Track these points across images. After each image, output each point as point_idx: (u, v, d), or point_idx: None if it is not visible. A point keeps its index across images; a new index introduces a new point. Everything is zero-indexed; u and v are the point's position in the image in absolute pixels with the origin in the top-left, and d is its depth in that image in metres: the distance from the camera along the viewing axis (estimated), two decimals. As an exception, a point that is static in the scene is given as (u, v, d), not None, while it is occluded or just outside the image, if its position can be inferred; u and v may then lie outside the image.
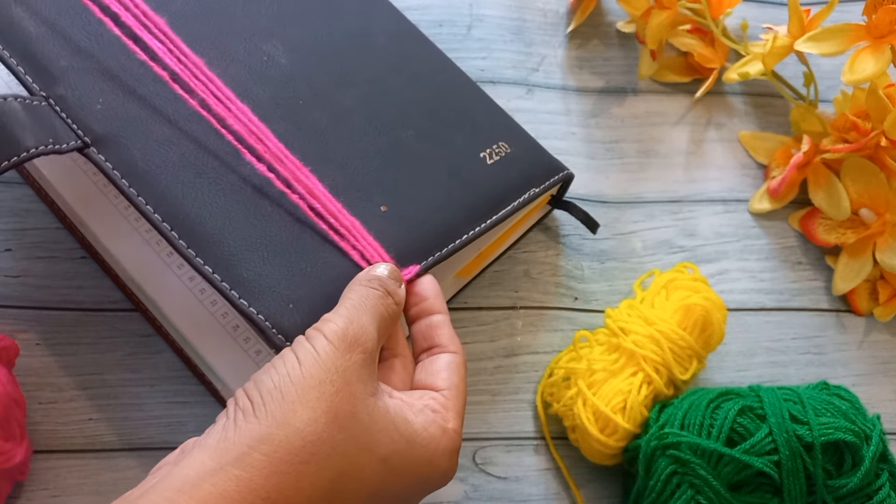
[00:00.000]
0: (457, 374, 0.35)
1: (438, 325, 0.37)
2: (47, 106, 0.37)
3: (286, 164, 0.39)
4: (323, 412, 0.29)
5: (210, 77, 0.40)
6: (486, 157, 0.45)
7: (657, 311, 0.45)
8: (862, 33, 0.50)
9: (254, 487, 0.27)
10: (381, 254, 0.38)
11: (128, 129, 0.38)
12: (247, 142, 0.38)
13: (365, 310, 0.33)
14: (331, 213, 0.38)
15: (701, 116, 0.58)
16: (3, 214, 0.46)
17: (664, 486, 0.41)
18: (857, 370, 0.51)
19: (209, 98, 0.39)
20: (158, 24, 0.40)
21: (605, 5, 0.61)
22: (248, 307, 0.35)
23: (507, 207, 0.43)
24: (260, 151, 0.38)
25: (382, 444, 0.31)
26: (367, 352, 0.32)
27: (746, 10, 0.62)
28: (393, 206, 0.40)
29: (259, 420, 0.29)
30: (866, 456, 0.40)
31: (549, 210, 0.51)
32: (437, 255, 0.40)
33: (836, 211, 0.52)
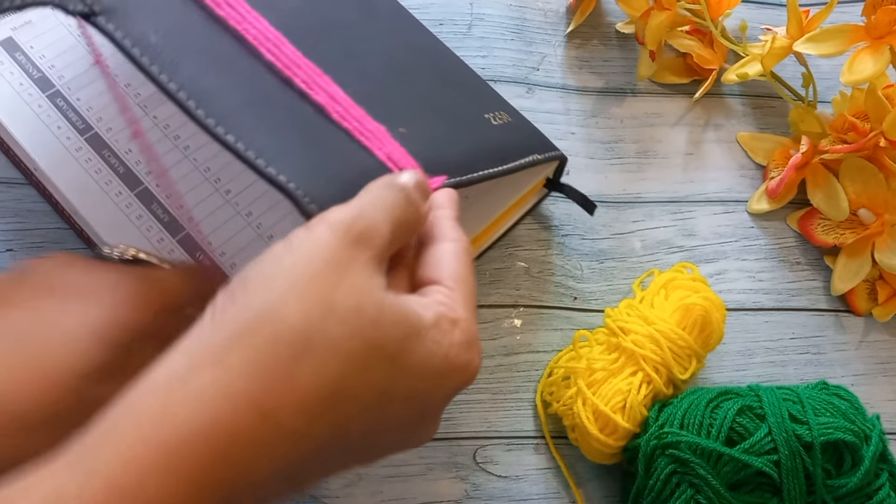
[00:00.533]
0: (459, 261, 0.31)
1: (439, 219, 0.33)
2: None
3: (304, 69, 0.35)
4: (317, 304, 0.25)
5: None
6: (490, 118, 0.44)
7: (656, 311, 0.45)
8: (861, 34, 0.50)
9: (235, 388, 0.23)
10: (408, 160, 0.35)
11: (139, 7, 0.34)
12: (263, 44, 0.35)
13: (380, 208, 0.29)
14: (356, 117, 0.35)
15: (700, 117, 0.58)
16: (4, 214, 0.46)
17: (664, 485, 0.41)
18: (856, 370, 0.51)
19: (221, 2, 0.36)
20: None
21: (604, 6, 0.61)
22: (278, 175, 0.31)
23: (515, 162, 0.42)
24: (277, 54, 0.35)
25: (392, 340, 0.26)
26: (376, 249, 0.27)
27: (745, 11, 0.62)
28: (412, 130, 0.37)
29: (239, 313, 0.25)
30: (866, 456, 0.40)
31: (545, 194, 0.52)
32: (462, 179, 0.37)
33: (835, 211, 0.52)
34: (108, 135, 0.44)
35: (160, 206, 0.43)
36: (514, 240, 0.51)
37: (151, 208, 0.43)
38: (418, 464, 0.45)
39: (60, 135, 0.44)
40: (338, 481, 0.44)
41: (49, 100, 0.44)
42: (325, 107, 0.34)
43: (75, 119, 0.44)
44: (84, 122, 0.44)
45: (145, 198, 0.43)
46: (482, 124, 0.44)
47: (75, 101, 0.45)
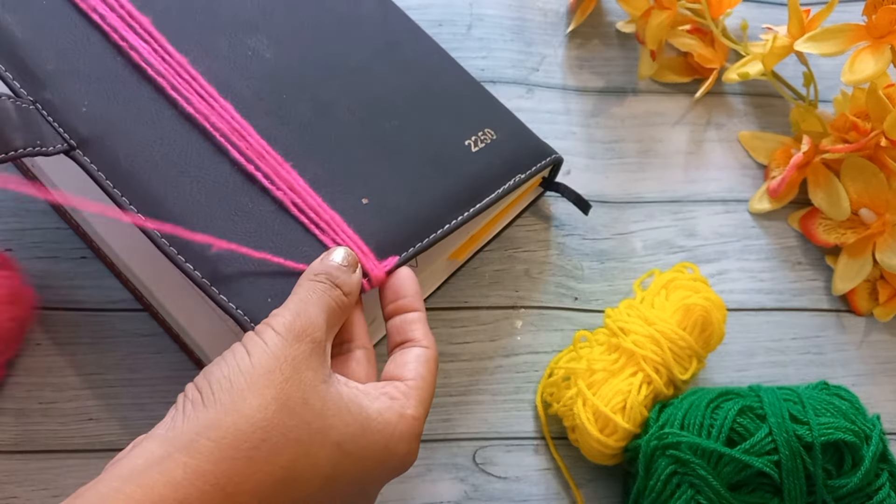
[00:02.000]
0: (425, 366, 0.35)
1: (413, 321, 0.37)
2: (34, 110, 0.38)
3: (268, 159, 0.39)
4: (272, 399, 0.29)
5: (193, 75, 0.40)
6: (470, 144, 0.45)
7: (657, 311, 0.45)
8: (862, 33, 0.50)
9: (202, 473, 0.27)
10: (361, 247, 0.38)
11: (112, 131, 0.38)
12: (230, 138, 0.39)
13: (312, 302, 0.33)
14: (311, 207, 0.39)
15: (701, 117, 0.58)
16: (3, 214, 0.46)
17: (664, 485, 0.41)
18: (856, 370, 0.51)
19: (192, 97, 0.40)
20: (143, 24, 0.41)
21: (605, 5, 0.61)
22: (228, 302, 0.36)
23: (490, 195, 0.44)
24: (242, 148, 0.39)
25: (335, 429, 0.31)
26: (316, 341, 0.32)
27: (746, 10, 0.62)
28: (374, 197, 0.40)
29: (207, 408, 0.29)
30: (866, 456, 0.40)
31: (541, 192, 0.52)
32: (419, 246, 0.40)
33: (836, 211, 0.52)
34: None
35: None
36: (514, 241, 0.51)
37: None
38: (418, 465, 0.45)
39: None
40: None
41: None
42: (283, 203, 0.38)
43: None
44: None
45: None
46: (460, 157, 0.44)
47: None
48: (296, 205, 0.39)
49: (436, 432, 0.46)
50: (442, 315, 0.49)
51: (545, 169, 0.47)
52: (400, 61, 0.46)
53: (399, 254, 0.39)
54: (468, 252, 0.49)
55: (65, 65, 0.39)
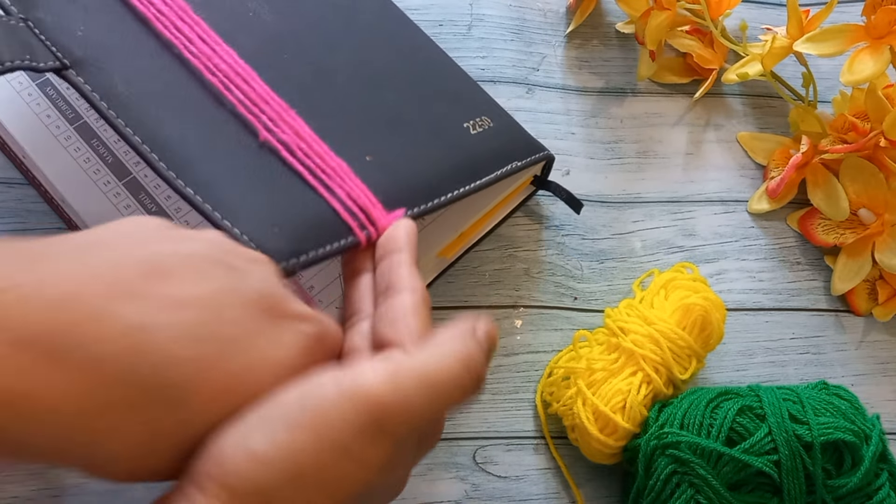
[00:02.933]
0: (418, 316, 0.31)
1: (397, 265, 0.33)
2: (25, 28, 0.36)
3: (271, 104, 0.37)
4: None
5: (195, 20, 0.38)
6: (469, 127, 0.44)
7: (656, 311, 0.45)
8: (861, 34, 0.50)
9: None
10: (369, 196, 0.36)
11: (109, 56, 0.36)
12: (233, 81, 0.37)
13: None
14: (317, 153, 0.37)
15: (700, 117, 0.58)
16: (4, 215, 0.46)
17: (664, 485, 0.41)
18: (856, 370, 0.51)
19: (194, 38, 0.38)
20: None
21: (604, 6, 0.61)
22: (232, 227, 0.33)
23: (490, 175, 0.43)
24: (246, 91, 0.37)
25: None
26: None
27: (745, 11, 0.62)
28: (378, 157, 0.39)
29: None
30: (866, 456, 0.40)
31: (533, 191, 0.52)
32: (424, 207, 0.38)
33: (835, 211, 0.52)
34: (97, 124, 0.44)
35: (148, 197, 0.43)
36: (513, 240, 0.51)
37: (139, 198, 0.43)
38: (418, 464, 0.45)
39: (50, 123, 0.44)
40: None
41: (38, 88, 0.45)
42: (288, 145, 0.36)
43: (65, 108, 0.44)
44: (73, 111, 0.44)
45: (133, 188, 0.43)
46: (459, 135, 0.44)
47: (65, 89, 0.45)
48: (301, 149, 0.36)
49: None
50: (442, 314, 0.49)
51: (539, 163, 0.47)
52: (398, 48, 0.46)
53: (407, 209, 0.37)
54: (457, 250, 0.48)
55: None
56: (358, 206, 0.36)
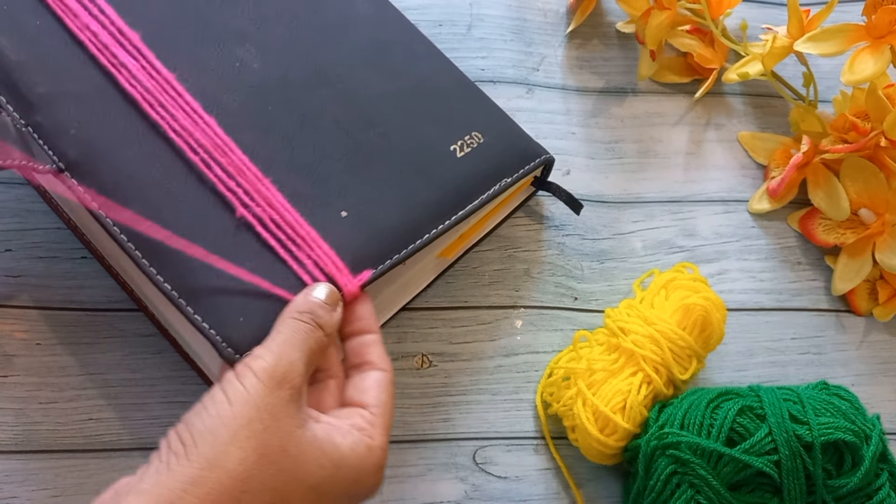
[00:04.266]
0: (385, 391, 0.36)
1: (370, 344, 0.38)
2: (28, 133, 0.39)
3: (247, 175, 0.40)
4: (252, 450, 0.30)
5: (179, 91, 0.41)
6: (456, 149, 0.45)
7: (657, 311, 0.45)
8: (861, 33, 0.50)
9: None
10: (336, 262, 0.39)
11: (98, 153, 0.39)
12: (212, 155, 0.40)
13: (294, 345, 0.34)
14: (288, 223, 0.39)
15: (700, 117, 0.58)
16: (4, 214, 0.46)
17: (664, 485, 0.41)
18: (856, 370, 0.51)
19: (178, 113, 0.40)
20: (133, 40, 0.42)
21: (604, 5, 0.61)
22: (202, 322, 0.37)
23: (473, 202, 0.44)
24: (224, 164, 0.40)
25: (311, 473, 0.32)
26: (295, 388, 0.33)
27: (746, 10, 0.62)
28: (354, 210, 0.41)
29: (191, 462, 0.30)
30: (866, 456, 0.40)
31: (533, 191, 0.52)
32: (395, 258, 0.41)
33: (836, 211, 0.52)
34: None
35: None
36: (514, 240, 0.51)
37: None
38: (418, 464, 0.45)
39: None
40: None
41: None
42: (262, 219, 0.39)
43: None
44: None
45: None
46: (444, 164, 0.44)
47: None
48: (273, 221, 0.39)
49: (436, 432, 0.46)
50: (442, 315, 0.49)
51: (534, 171, 0.47)
52: (389, 65, 0.46)
53: (374, 267, 0.40)
54: (457, 251, 0.48)
55: (55, 87, 0.40)
56: (325, 274, 0.39)
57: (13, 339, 0.44)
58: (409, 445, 0.45)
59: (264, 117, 0.42)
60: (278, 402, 0.32)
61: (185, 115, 0.40)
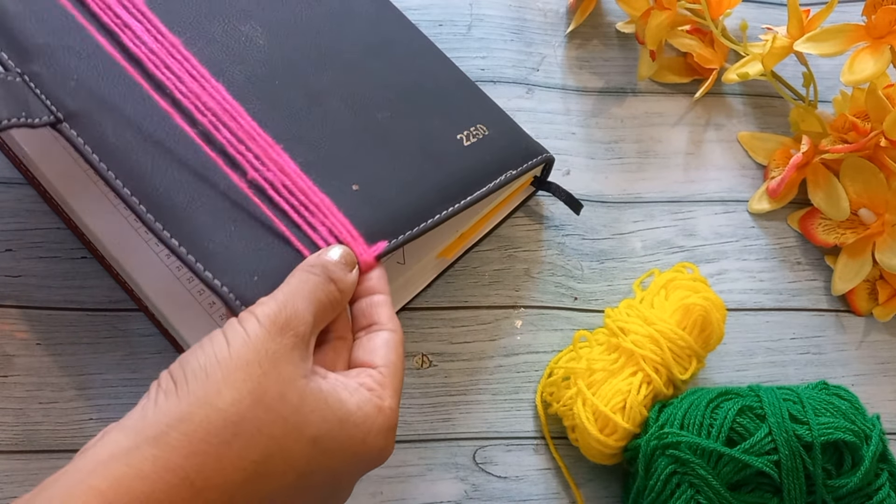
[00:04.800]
0: (394, 351, 0.34)
1: (378, 304, 0.36)
2: (21, 83, 0.37)
3: (258, 141, 0.39)
4: (248, 392, 0.29)
5: (186, 56, 0.40)
6: (462, 138, 0.45)
7: (656, 311, 0.45)
8: (861, 34, 0.50)
9: (171, 467, 0.27)
10: (350, 230, 0.38)
11: (100, 105, 0.38)
12: (221, 118, 0.39)
13: (301, 294, 0.32)
14: (300, 189, 0.38)
15: (700, 117, 0.58)
16: (4, 214, 0.46)
17: (664, 485, 0.41)
18: (856, 370, 0.51)
19: (184, 76, 0.39)
20: (136, 4, 0.40)
21: (604, 5, 0.61)
22: (213, 279, 0.35)
23: (482, 189, 0.44)
24: (233, 128, 0.38)
25: (312, 425, 0.30)
26: (300, 335, 0.31)
27: (746, 10, 0.62)
28: (365, 185, 0.40)
29: (180, 399, 0.28)
30: (866, 456, 0.40)
31: (533, 192, 0.52)
32: (408, 234, 0.40)
33: (836, 211, 0.52)
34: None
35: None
36: (514, 241, 0.51)
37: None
38: (418, 464, 0.45)
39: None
40: (338, 482, 0.44)
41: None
42: (273, 183, 0.38)
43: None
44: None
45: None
46: (452, 149, 0.44)
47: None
48: (286, 187, 0.38)
49: (436, 432, 0.46)
50: (442, 315, 0.49)
51: (537, 167, 0.47)
52: (392, 57, 0.46)
53: (389, 240, 0.39)
54: (457, 251, 0.48)
55: (55, 40, 0.38)
56: (339, 241, 0.37)
57: (13, 339, 0.44)
58: (409, 445, 0.45)
59: (272, 91, 0.41)
60: (280, 348, 0.30)
61: (192, 80, 0.39)
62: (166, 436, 0.27)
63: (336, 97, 0.42)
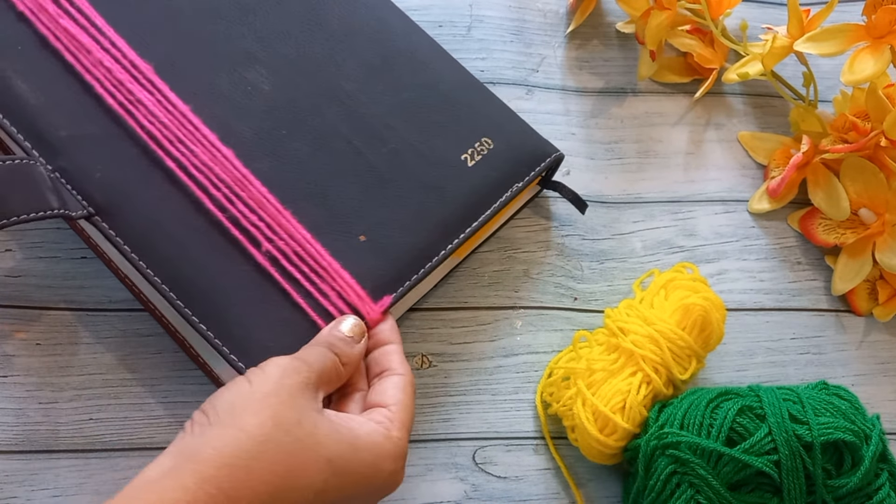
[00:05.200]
0: (403, 391, 0.39)
1: (390, 353, 0.40)
2: (55, 177, 0.40)
3: (268, 208, 0.41)
4: (269, 417, 0.33)
5: (196, 124, 0.42)
6: (467, 158, 0.45)
7: (656, 311, 0.45)
8: (861, 33, 0.50)
9: (206, 477, 0.31)
10: (358, 291, 0.41)
11: (125, 197, 0.40)
12: (233, 189, 0.41)
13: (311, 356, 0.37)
14: (311, 255, 0.41)
15: (700, 117, 0.58)
16: (3, 214, 0.46)
17: (664, 485, 0.41)
18: (856, 370, 0.51)
19: (196, 148, 0.41)
20: (146, 73, 0.42)
21: (604, 6, 0.61)
22: (238, 362, 0.39)
23: (486, 211, 0.45)
24: (245, 198, 0.41)
25: (326, 447, 0.34)
26: (310, 380, 0.36)
27: (746, 10, 0.62)
28: (371, 233, 0.42)
29: (212, 427, 0.33)
30: (866, 456, 0.40)
31: (539, 190, 0.52)
32: (414, 279, 0.43)
33: (836, 211, 0.52)
34: None
35: None
36: (514, 241, 0.51)
37: None
38: (418, 464, 0.45)
39: None
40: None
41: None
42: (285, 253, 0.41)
43: None
44: None
45: None
46: (455, 176, 0.45)
47: None
48: (297, 254, 0.41)
49: (436, 432, 0.46)
50: (442, 315, 0.49)
51: (544, 170, 0.48)
52: (394, 75, 0.46)
53: (393, 292, 0.42)
54: (467, 251, 0.49)
55: (76, 129, 0.41)
56: (347, 304, 0.41)
57: (13, 339, 0.44)
58: (410, 445, 0.45)
59: (278, 143, 0.43)
60: (294, 384, 0.35)
61: (204, 150, 0.41)
62: (202, 453, 0.31)
63: (340, 138, 0.44)
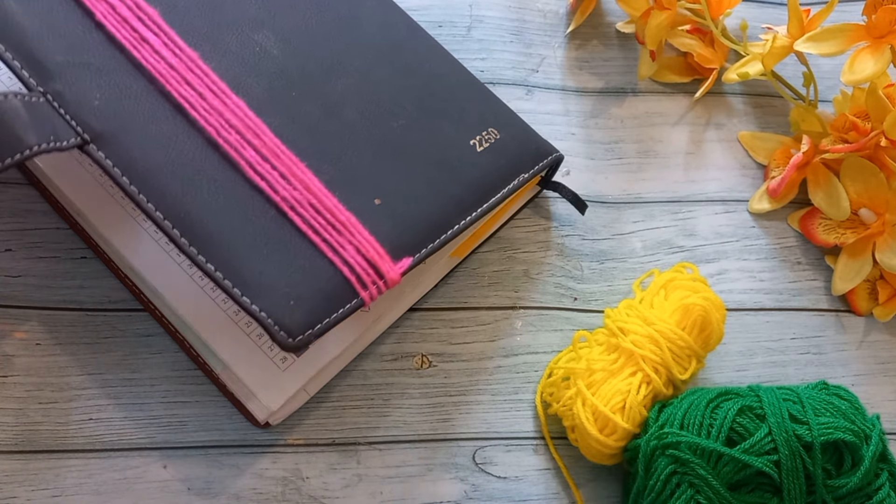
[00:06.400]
0: None
1: None
2: (45, 102, 0.37)
3: (283, 159, 0.39)
4: None
5: (205, 70, 0.40)
6: (475, 144, 0.45)
7: (656, 311, 0.45)
8: (862, 33, 0.50)
9: None
10: (377, 248, 0.39)
11: (126, 126, 0.37)
12: (245, 136, 0.39)
13: None
14: (327, 208, 0.39)
15: (700, 117, 0.58)
16: (3, 214, 0.46)
17: (664, 485, 0.41)
18: (856, 370, 0.51)
19: (206, 92, 0.39)
20: (152, 16, 0.40)
21: (604, 6, 0.61)
22: (251, 304, 0.36)
23: (496, 195, 0.44)
24: (257, 146, 0.39)
25: None
26: None
27: (746, 10, 0.62)
28: (385, 199, 0.41)
29: None
30: (866, 456, 0.40)
31: (539, 191, 0.52)
32: (430, 247, 0.41)
33: (836, 211, 0.52)
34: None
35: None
36: (513, 241, 0.51)
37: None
38: (418, 464, 0.45)
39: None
40: (338, 482, 0.44)
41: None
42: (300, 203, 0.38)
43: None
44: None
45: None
46: (466, 156, 0.44)
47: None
48: (312, 205, 0.39)
49: (436, 432, 0.46)
50: (442, 315, 0.49)
51: (547, 167, 0.48)
52: (402, 62, 0.46)
53: (412, 255, 0.40)
54: (468, 249, 0.49)
55: (75, 57, 0.38)
56: (366, 259, 0.38)
57: (13, 339, 0.44)
58: (409, 445, 0.45)
59: (290, 104, 0.41)
60: None
61: (214, 95, 0.39)
62: None
63: (351, 107, 0.43)
